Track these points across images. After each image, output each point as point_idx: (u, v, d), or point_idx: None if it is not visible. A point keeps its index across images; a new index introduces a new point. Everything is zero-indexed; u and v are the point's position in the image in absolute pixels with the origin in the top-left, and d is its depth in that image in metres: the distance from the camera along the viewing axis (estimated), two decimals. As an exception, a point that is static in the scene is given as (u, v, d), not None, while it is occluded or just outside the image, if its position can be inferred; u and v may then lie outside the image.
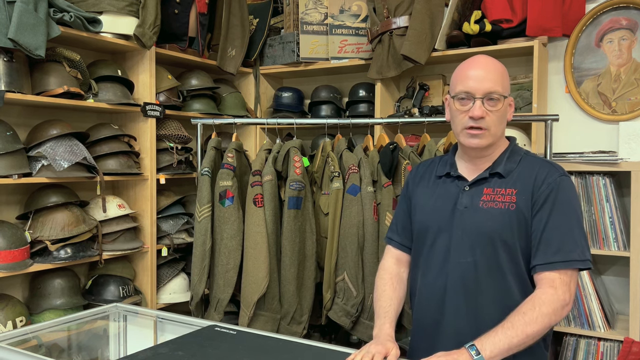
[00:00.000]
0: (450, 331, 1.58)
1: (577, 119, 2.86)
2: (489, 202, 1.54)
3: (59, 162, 2.31)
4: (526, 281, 1.52)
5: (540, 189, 1.51)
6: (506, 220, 1.51)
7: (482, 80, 1.51)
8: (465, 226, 1.56)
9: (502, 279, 1.52)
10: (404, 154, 2.38)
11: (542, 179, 1.52)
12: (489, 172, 1.58)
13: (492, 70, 1.53)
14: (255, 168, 2.41)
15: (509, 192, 1.53)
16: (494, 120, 1.52)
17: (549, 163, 1.58)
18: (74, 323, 1.95)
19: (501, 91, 1.52)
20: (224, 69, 3.17)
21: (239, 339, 1.66)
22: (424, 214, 1.67)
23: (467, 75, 1.54)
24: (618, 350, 2.49)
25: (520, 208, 1.51)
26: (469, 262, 1.54)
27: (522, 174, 1.55)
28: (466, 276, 1.55)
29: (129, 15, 2.60)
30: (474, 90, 1.52)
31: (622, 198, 2.63)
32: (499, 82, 1.52)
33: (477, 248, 1.54)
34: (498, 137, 1.57)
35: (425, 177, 1.73)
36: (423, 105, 3.00)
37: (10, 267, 2.19)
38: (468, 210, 1.56)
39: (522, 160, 1.59)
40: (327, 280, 2.36)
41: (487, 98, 1.51)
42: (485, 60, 1.57)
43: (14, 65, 2.22)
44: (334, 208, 2.35)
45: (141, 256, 2.78)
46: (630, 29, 2.72)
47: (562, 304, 1.43)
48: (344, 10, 3.17)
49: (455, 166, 1.65)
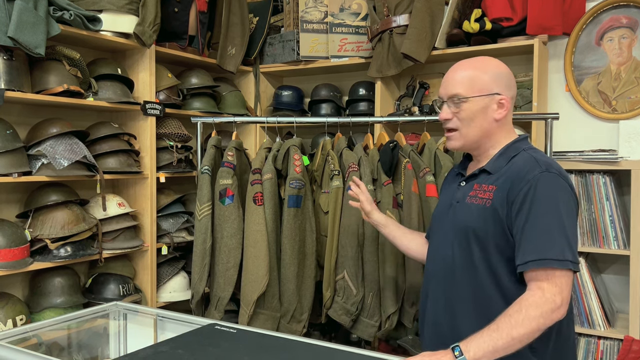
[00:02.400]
0: (431, 321, 1.65)
1: (577, 117, 2.86)
2: (472, 197, 1.57)
3: (59, 160, 2.31)
4: (501, 278, 1.49)
5: (519, 186, 1.47)
6: (480, 216, 1.52)
7: (445, 85, 1.62)
8: (452, 220, 1.61)
9: (475, 274, 1.52)
10: (404, 152, 2.38)
11: (522, 176, 1.48)
12: (479, 169, 1.61)
13: (458, 72, 1.60)
14: (255, 166, 2.41)
15: (490, 189, 1.54)
16: (460, 121, 1.59)
17: (534, 160, 1.51)
18: (74, 321, 1.95)
19: (463, 93, 1.57)
20: (224, 68, 3.17)
21: (239, 338, 1.66)
22: (434, 210, 1.81)
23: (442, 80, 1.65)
24: (618, 349, 2.49)
25: (495, 205, 1.49)
26: (449, 255, 1.59)
27: (509, 171, 1.53)
28: (446, 269, 1.60)
29: (129, 13, 2.60)
30: (442, 95, 1.63)
31: (622, 197, 2.63)
32: (463, 84, 1.57)
33: (455, 242, 1.58)
34: (475, 136, 1.59)
35: (449, 176, 1.83)
36: (423, 103, 3.00)
37: (10, 266, 2.19)
38: (459, 204, 1.61)
39: (516, 157, 1.55)
40: (327, 279, 2.36)
41: (450, 101, 1.60)
42: (459, 64, 1.63)
43: (14, 64, 2.22)
44: (334, 206, 2.35)
45: (141, 255, 2.78)
46: (630, 28, 2.72)
47: (551, 307, 1.36)
48: (344, 9, 3.16)
49: (466, 164, 1.73)
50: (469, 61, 1.62)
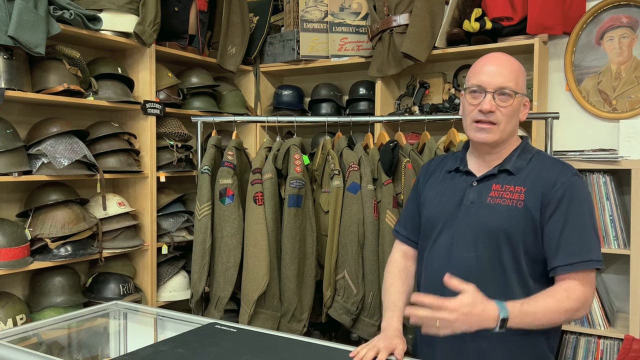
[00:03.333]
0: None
1: (577, 117, 2.86)
2: (496, 198, 1.55)
3: (59, 159, 2.31)
4: (527, 277, 1.52)
5: (553, 189, 1.50)
6: (513, 217, 1.51)
7: (494, 75, 1.52)
8: (470, 221, 1.56)
9: (503, 274, 1.52)
10: (404, 152, 2.38)
11: (554, 179, 1.51)
12: (498, 169, 1.58)
13: (506, 66, 1.54)
14: (255, 166, 2.41)
15: (518, 190, 1.53)
16: (503, 116, 1.53)
17: (560, 162, 1.57)
18: (74, 321, 1.95)
19: (513, 87, 1.52)
20: (224, 67, 3.17)
21: (239, 337, 1.66)
22: (431, 209, 1.68)
23: (481, 69, 1.56)
24: (618, 348, 2.49)
25: (528, 207, 1.51)
26: (472, 257, 1.55)
27: (532, 172, 1.55)
28: (468, 271, 1.54)
29: (129, 12, 2.60)
30: (486, 84, 1.52)
31: (622, 196, 2.63)
32: (512, 78, 1.53)
33: (480, 243, 1.54)
34: (507, 134, 1.56)
35: (436, 172, 1.74)
36: (423, 103, 3.00)
37: (10, 265, 2.19)
38: (474, 205, 1.57)
39: (533, 159, 1.58)
40: (328, 278, 2.36)
41: (498, 93, 1.52)
42: (501, 57, 1.58)
43: (14, 63, 2.22)
44: (334, 206, 2.35)
45: (141, 254, 2.78)
46: (630, 27, 2.72)
47: (587, 304, 1.46)
48: (344, 8, 3.16)
49: (465, 162, 1.66)
50: (507, 56, 1.58)
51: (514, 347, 1.50)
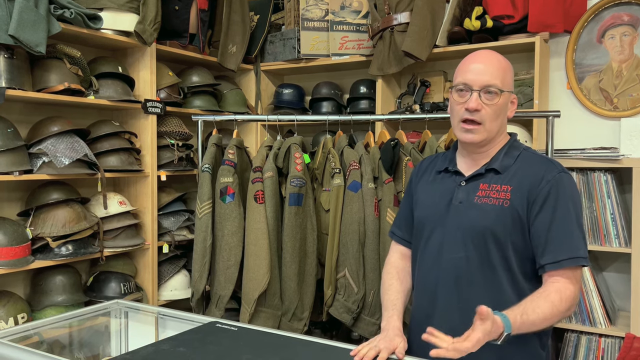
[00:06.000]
0: (442, 325, 1.56)
1: (578, 115, 2.86)
2: (483, 197, 1.54)
3: (59, 158, 2.31)
4: (517, 276, 1.52)
5: (539, 186, 1.50)
6: (499, 217, 1.51)
7: (480, 73, 1.52)
8: (459, 221, 1.56)
9: (493, 274, 1.52)
10: (405, 150, 2.37)
11: (541, 176, 1.51)
12: (485, 168, 1.58)
13: (493, 64, 1.53)
14: (256, 165, 2.41)
15: (504, 189, 1.53)
16: (489, 114, 1.52)
17: (547, 159, 1.57)
18: (75, 320, 1.95)
19: (499, 85, 1.51)
20: (225, 66, 3.17)
21: (240, 336, 1.66)
22: (422, 209, 1.68)
23: (467, 68, 1.55)
24: (619, 347, 2.49)
25: (514, 205, 1.50)
26: (461, 257, 1.55)
27: (520, 170, 1.54)
28: (458, 271, 1.55)
29: (130, 11, 2.60)
30: (472, 82, 1.52)
31: (623, 194, 2.63)
32: (498, 76, 1.52)
33: (469, 243, 1.54)
34: (494, 132, 1.56)
35: (427, 172, 1.74)
36: (424, 101, 2.99)
37: (11, 264, 2.19)
38: (463, 205, 1.57)
39: (520, 157, 1.58)
40: (328, 277, 2.36)
41: (484, 91, 1.51)
42: (487, 54, 1.57)
43: (15, 62, 2.22)
44: (335, 205, 2.35)
45: (142, 253, 2.78)
46: (632, 25, 2.71)
47: (576, 302, 1.46)
48: (345, 7, 3.16)
49: (455, 161, 1.66)
50: (494, 53, 1.57)
51: (507, 346, 1.50)
